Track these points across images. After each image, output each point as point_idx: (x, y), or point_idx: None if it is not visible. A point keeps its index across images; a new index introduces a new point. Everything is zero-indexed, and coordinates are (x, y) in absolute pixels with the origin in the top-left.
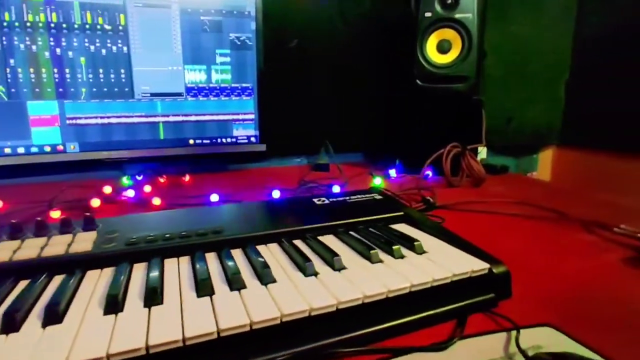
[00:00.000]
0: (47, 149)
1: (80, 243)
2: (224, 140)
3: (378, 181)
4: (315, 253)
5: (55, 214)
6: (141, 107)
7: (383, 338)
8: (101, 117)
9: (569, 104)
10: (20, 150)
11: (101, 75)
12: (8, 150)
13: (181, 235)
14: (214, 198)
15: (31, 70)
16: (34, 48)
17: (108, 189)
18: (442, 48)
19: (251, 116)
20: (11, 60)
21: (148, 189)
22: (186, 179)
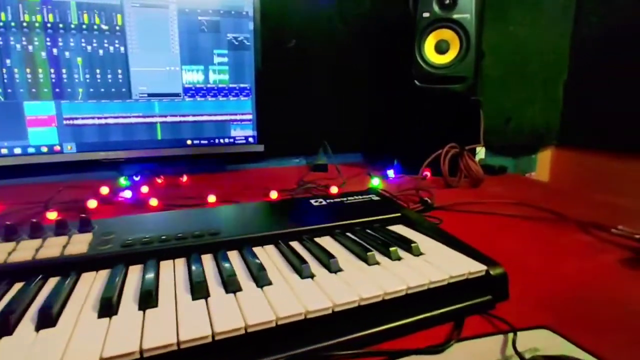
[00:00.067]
0: (44, 149)
1: (75, 245)
2: (222, 140)
3: (376, 182)
4: (311, 255)
5: (52, 215)
6: (138, 108)
7: (380, 341)
8: (98, 118)
9: (568, 104)
10: (17, 150)
11: (98, 76)
12: (5, 150)
13: (177, 236)
14: (212, 199)
15: (28, 70)
16: (31, 48)
17: (105, 190)
18: (440, 48)
19: (249, 116)
20: (7, 61)
21: (145, 189)
22: (184, 179)
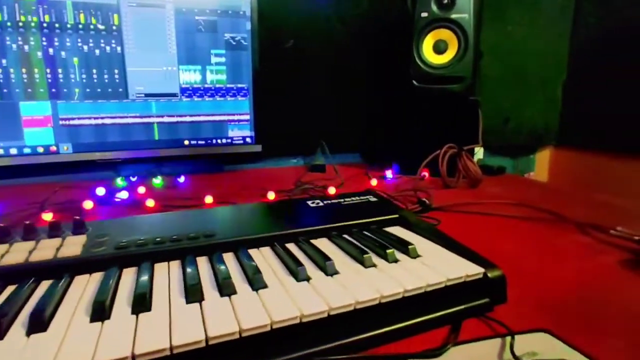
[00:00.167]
0: (40, 149)
1: (69, 247)
2: (219, 141)
3: (374, 182)
4: (308, 257)
5: (47, 216)
6: (135, 108)
7: (376, 345)
8: (95, 118)
9: (566, 104)
10: (13, 151)
11: (95, 76)
12: (0, 151)
13: (172, 238)
14: (209, 200)
15: (24, 70)
16: (27, 48)
17: (101, 191)
18: (439, 48)
19: (246, 117)
20: (3, 61)
21: (142, 190)
22: (181, 180)
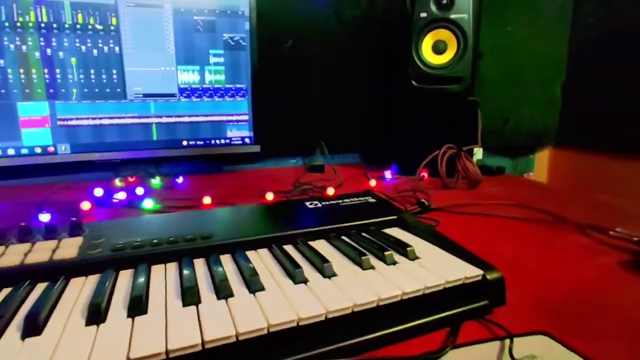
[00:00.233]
0: (38, 150)
1: (65, 249)
2: (218, 141)
3: (373, 183)
4: (305, 259)
5: (45, 217)
6: (133, 108)
7: (374, 348)
8: (93, 118)
9: (566, 104)
10: (11, 151)
11: (93, 76)
12: None
13: (169, 240)
14: (207, 201)
15: (21, 70)
16: (24, 48)
17: (99, 192)
18: (438, 49)
19: (245, 117)
20: (1, 61)
21: (140, 191)
22: (179, 180)
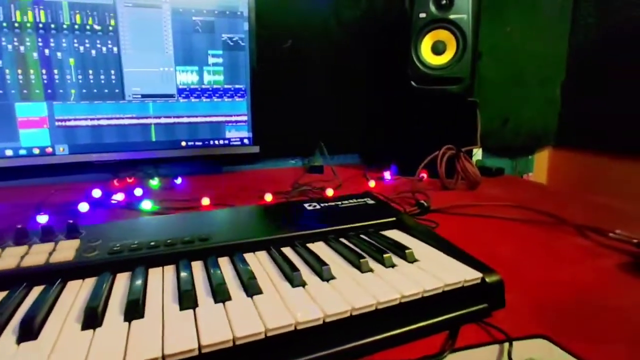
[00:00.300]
0: (36, 151)
1: (62, 252)
2: (217, 142)
3: (372, 184)
4: (304, 261)
5: (43, 218)
6: (132, 109)
7: (372, 351)
8: (91, 119)
9: (565, 105)
10: (8, 152)
11: (91, 77)
12: None
13: (167, 242)
14: (205, 202)
15: (19, 71)
16: (22, 49)
17: (98, 193)
18: (437, 49)
19: (244, 117)
20: None
21: (139, 192)
22: (178, 181)
